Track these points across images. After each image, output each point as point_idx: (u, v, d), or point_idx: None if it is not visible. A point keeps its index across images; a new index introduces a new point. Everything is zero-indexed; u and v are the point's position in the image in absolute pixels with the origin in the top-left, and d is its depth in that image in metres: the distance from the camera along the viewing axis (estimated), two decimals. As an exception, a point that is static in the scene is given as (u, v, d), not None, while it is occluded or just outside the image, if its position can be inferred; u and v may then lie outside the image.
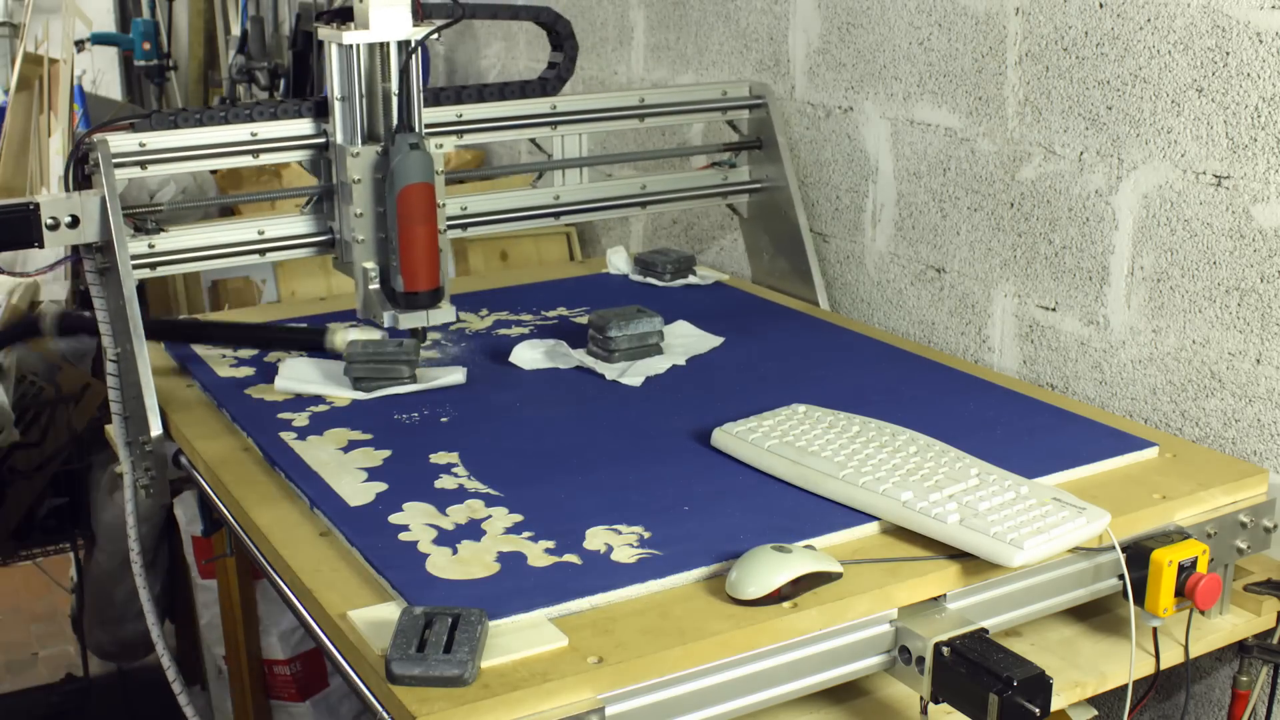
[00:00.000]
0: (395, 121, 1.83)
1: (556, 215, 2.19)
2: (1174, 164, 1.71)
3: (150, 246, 1.87)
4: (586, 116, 2.15)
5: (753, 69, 2.42)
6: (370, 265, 1.85)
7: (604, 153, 2.35)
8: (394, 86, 1.82)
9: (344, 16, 1.82)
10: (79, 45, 5.05)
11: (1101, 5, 1.77)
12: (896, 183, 2.15)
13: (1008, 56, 1.92)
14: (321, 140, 1.93)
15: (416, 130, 1.83)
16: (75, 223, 1.77)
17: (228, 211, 2.71)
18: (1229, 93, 1.62)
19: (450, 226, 2.03)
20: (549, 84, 2.14)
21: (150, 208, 1.90)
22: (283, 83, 4.74)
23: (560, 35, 2.14)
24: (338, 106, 1.86)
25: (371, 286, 1.85)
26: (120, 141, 1.81)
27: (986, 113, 1.97)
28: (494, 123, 2.09)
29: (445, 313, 1.87)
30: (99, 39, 5.51)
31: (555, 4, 3.03)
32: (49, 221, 1.76)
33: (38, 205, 1.75)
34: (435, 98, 2.04)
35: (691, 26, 2.59)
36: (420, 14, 1.82)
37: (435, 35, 1.83)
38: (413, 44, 1.80)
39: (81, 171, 1.83)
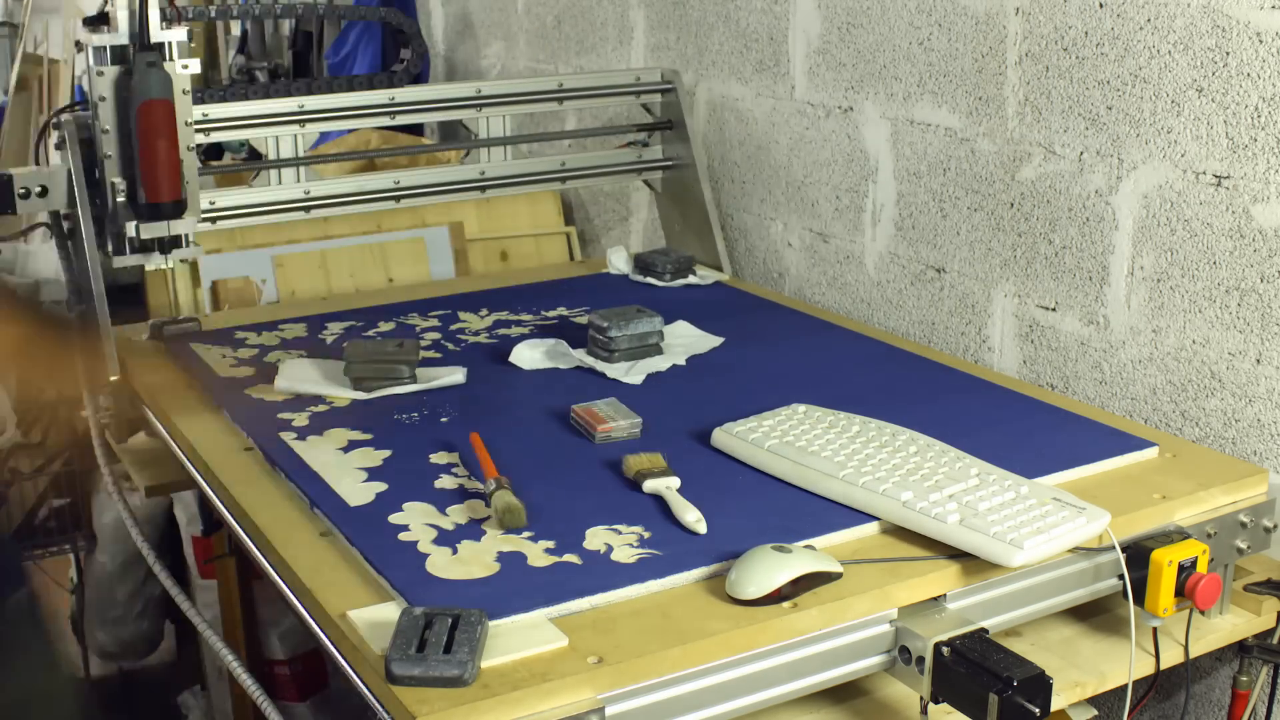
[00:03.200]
0: (138, 42, 1.92)
1: (482, 189, 2.37)
2: (1174, 164, 1.71)
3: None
4: (510, 99, 2.35)
5: (753, 69, 2.42)
6: (118, 180, 1.95)
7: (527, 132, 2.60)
8: (134, 5, 1.91)
9: None
10: (79, 45, 5.04)
11: (1101, 5, 1.77)
12: (896, 183, 2.15)
13: (1008, 56, 1.92)
14: None
15: (153, 48, 1.91)
16: (45, 192, 1.98)
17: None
18: (1229, 93, 1.62)
19: (383, 198, 2.29)
20: (396, 77, 2.31)
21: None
22: (282, 83, 4.74)
23: (407, 35, 2.29)
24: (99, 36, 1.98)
25: (119, 199, 1.95)
26: (85, 119, 1.97)
27: (986, 113, 1.97)
28: (424, 105, 2.33)
29: (186, 224, 1.98)
30: (99, 39, 5.50)
31: (557, 4, 3.03)
32: (21, 191, 1.96)
33: (10, 176, 1.94)
34: (369, 82, 2.21)
35: (691, 26, 2.59)
36: None
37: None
38: None
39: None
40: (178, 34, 1.92)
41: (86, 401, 2.04)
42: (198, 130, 2.06)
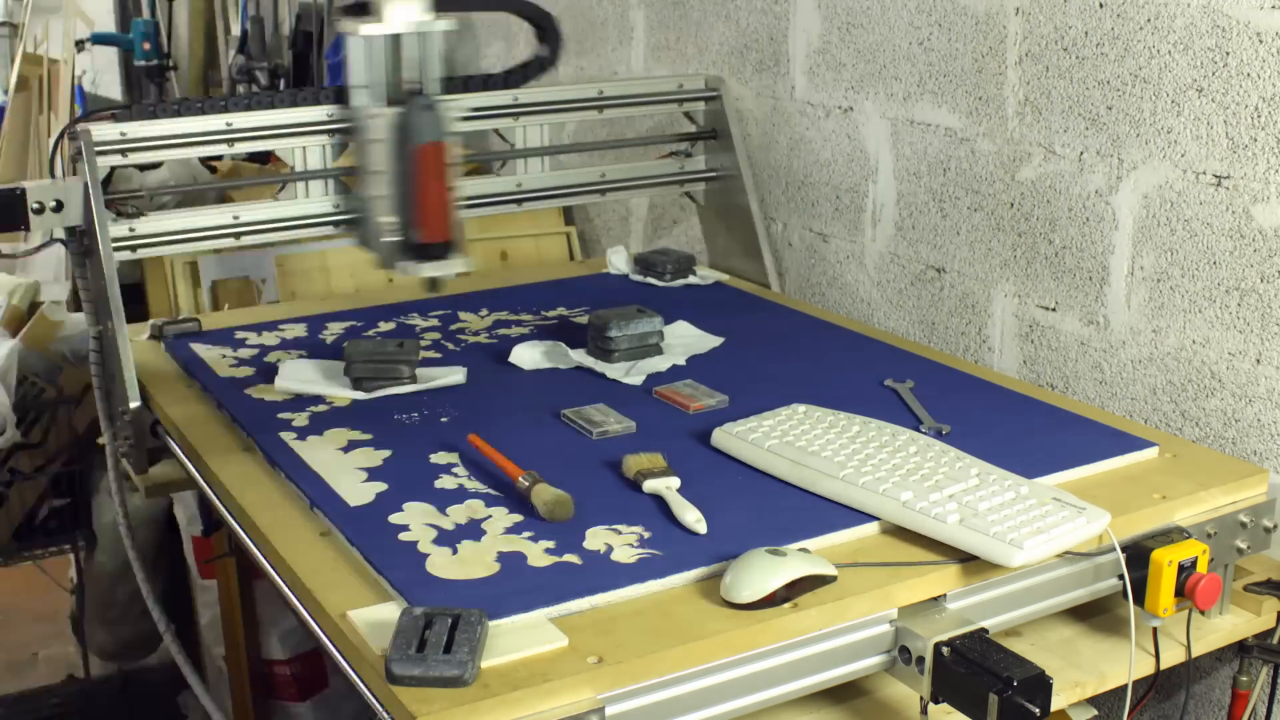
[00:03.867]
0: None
1: (519, 202, 2.29)
2: (1174, 164, 1.71)
3: (130, 230, 1.97)
4: (546, 108, 2.24)
5: (753, 69, 2.42)
6: (389, 219, 1.91)
7: (565, 143, 2.48)
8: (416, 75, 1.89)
9: (361, 10, 1.91)
10: (79, 45, 5.05)
11: (1101, 5, 1.77)
12: (896, 183, 2.15)
13: (1008, 56, 1.92)
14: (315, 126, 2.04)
15: (428, 94, 1.89)
16: (60, 207, 1.87)
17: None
18: (1229, 93, 1.63)
19: None
20: (529, 71, 2.23)
21: (130, 193, 2.00)
22: (282, 83, 4.74)
23: (545, 30, 2.22)
24: (360, 94, 1.93)
25: (390, 239, 1.92)
26: (102, 131, 1.91)
27: (986, 113, 1.97)
28: (460, 114, 2.16)
29: (458, 264, 1.92)
30: (99, 39, 5.51)
31: (554, 5, 3.03)
32: (35, 206, 1.86)
33: (24, 190, 1.85)
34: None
35: (691, 26, 2.59)
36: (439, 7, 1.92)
37: (455, 28, 1.94)
38: (428, 36, 1.87)
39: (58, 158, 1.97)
40: (443, 24, 1.89)
41: (104, 429, 1.97)
42: (219, 140, 2.01)
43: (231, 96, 2.04)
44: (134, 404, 1.82)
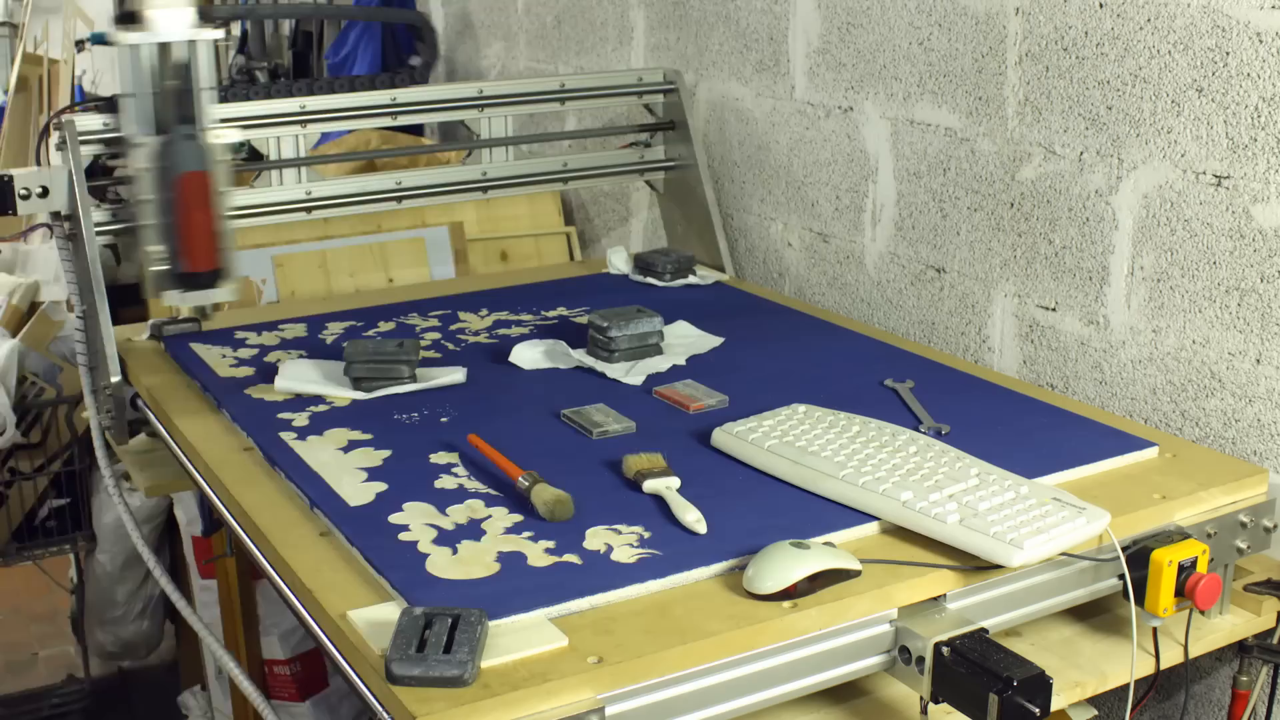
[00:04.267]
0: (178, 115, 1.91)
1: (484, 190, 2.37)
2: (1174, 164, 1.71)
3: (114, 215, 2.06)
4: (512, 100, 2.34)
5: (753, 69, 2.42)
6: (158, 248, 1.94)
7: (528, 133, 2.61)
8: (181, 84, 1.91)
9: (130, 19, 1.93)
10: (79, 45, 5.04)
11: (1101, 5, 1.77)
12: (896, 183, 2.15)
13: (1008, 56, 1.92)
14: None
15: (197, 122, 1.91)
16: (45, 193, 1.98)
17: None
18: (1229, 93, 1.63)
19: (386, 199, 2.29)
20: (417, 73, 2.30)
21: (112, 181, 2.09)
22: (283, 83, 4.74)
23: (420, 33, 2.28)
24: (129, 104, 1.95)
25: (159, 268, 1.93)
26: (86, 121, 2.02)
27: (986, 113, 1.97)
28: (426, 105, 2.32)
29: (224, 292, 1.96)
30: (99, 39, 5.50)
31: (557, 4, 3.03)
32: (22, 191, 1.96)
33: (11, 177, 1.94)
34: (371, 82, 2.22)
35: (691, 26, 2.59)
36: (209, 16, 1.98)
37: (223, 38, 1.95)
38: (196, 44, 1.90)
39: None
40: (210, 34, 1.92)
41: (88, 403, 2.04)
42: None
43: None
44: (114, 378, 1.92)
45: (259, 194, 2.19)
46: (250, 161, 3.38)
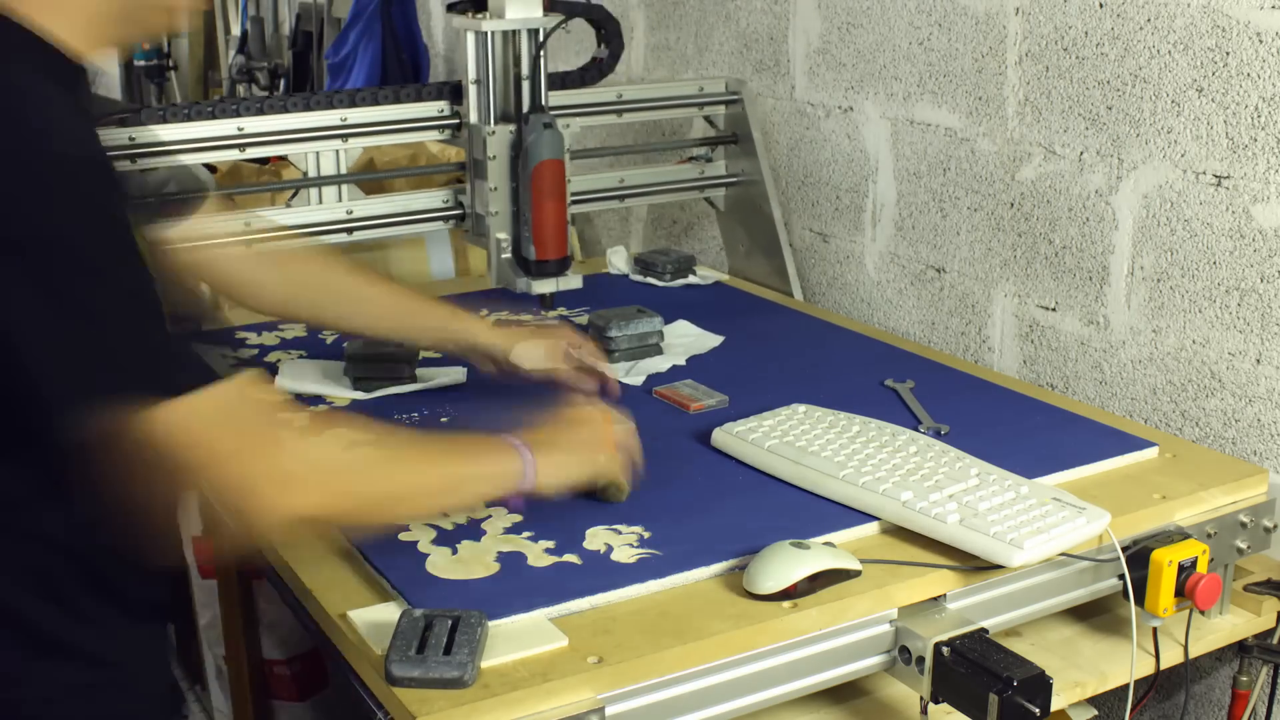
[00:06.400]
0: (529, 103, 1.98)
1: None
2: (1174, 164, 1.71)
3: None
4: (564, 111, 2.18)
5: (753, 69, 2.42)
6: (504, 236, 2.00)
7: (583, 147, 2.41)
8: (525, 71, 1.98)
9: (479, 6, 1.99)
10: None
11: (1101, 5, 1.77)
12: (896, 183, 2.15)
13: (1008, 56, 1.92)
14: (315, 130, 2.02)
15: (546, 110, 1.97)
16: None
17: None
18: (1229, 93, 1.62)
19: (432, 218, 2.15)
20: (588, 75, 2.24)
21: (138, 199, 1.96)
22: (283, 83, 4.74)
23: (608, 32, 2.24)
24: (473, 90, 2.01)
25: (504, 255, 2.00)
26: (109, 136, 1.88)
27: (986, 113, 1.97)
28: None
29: (572, 280, 2.01)
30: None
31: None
32: None
33: None
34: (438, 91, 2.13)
35: (691, 26, 2.59)
36: (548, 5, 2.00)
37: (564, 26, 2.00)
38: (543, 32, 1.97)
39: None
40: (554, 21, 1.97)
41: None
42: (231, 145, 1.98)
43: (243, 100, 2.02)
44: None
45: (296, 214, 2.06)
46: (275, 174, 3.38)
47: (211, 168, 3.13)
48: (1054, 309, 1.91)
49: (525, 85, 1.98)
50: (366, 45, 3.83)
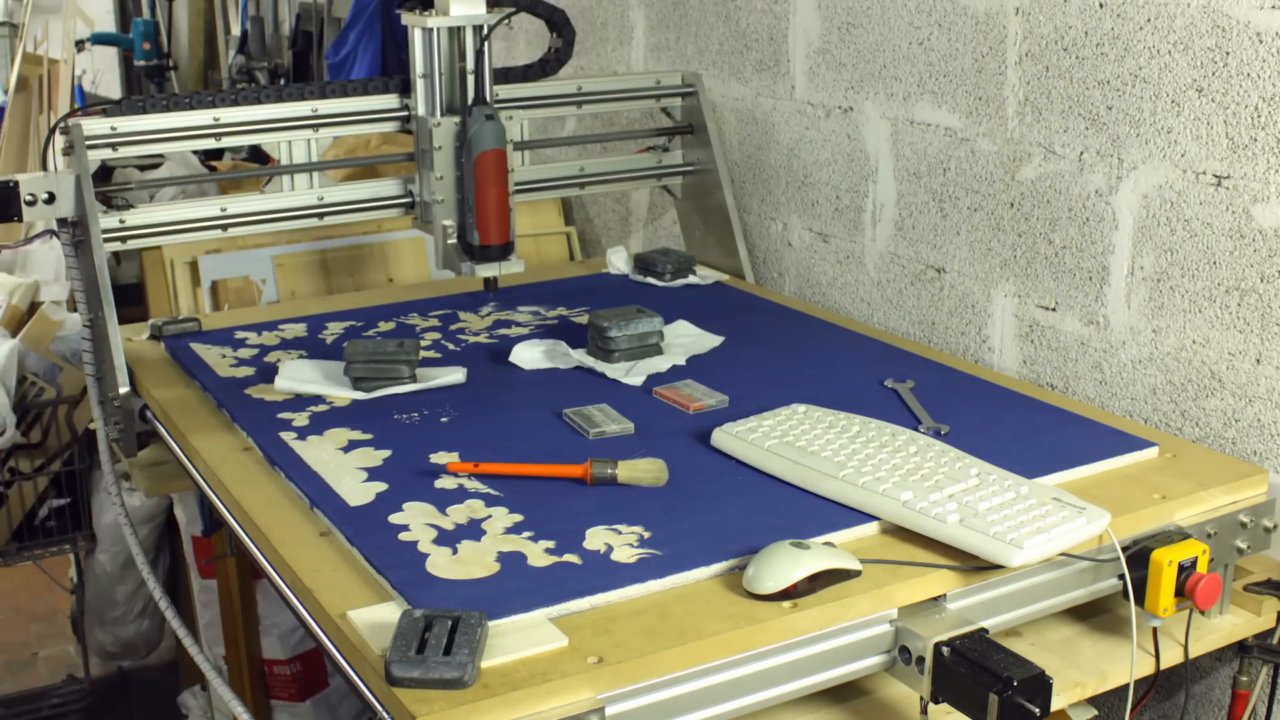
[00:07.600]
0: (472, 95, 2.11)
1: None
2: (1174, 164, 1.71)
3: (121, 221, 2.02)
4: (526, 103, 2.29)
5: (753, 69, 2.42)
6: (449, 222, 2.11)
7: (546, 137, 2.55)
8: (470, 65, 2.10)
9: (425, 4, 2.11)
10: (79, 45, 5.05)
11: (1101, 5, 1.77)
12: (896, 183, 2.15)
13: (1008, 56, 1.92)
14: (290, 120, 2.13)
15: (489, 103, 2.10)
16: (51, 199, 1.92)
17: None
18: (1229, 93, 1.63)
19: (397, 204, 2.23)
20: (548, 66, 2.33)
21: (120, 186, 2.07)
22: (283, 83, 4.74)
23: (557, 22, 2.33)
24: (420, 83, 2.12)
25: (450, 241, 2.11)
26: (93, 125, 1.97)
27: (986, 113, 1.97)
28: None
29: (515, 264, 2.13)
30: (99, 39, 5.51)
31: (557, 3, 3.03)
32: (27, 197, 1.91)
33: (17, 182, 1.90)
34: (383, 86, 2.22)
35: (691, 26, 2.59)
36: (491, 1, 2.12)
37: (506, 21, 2.11)
38: (486, 28, 2.09)
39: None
40: (497, 17, 2.07)
41: (95, 414, 2.00)
42: (207, 135, 2.07)
43: (219, 92, 2.10)
44: (123, 389, 1.88)
45: (269, 200, 2.15)
46: (248, 161, 3.38)
47: (211, 166, 3.14)
48: (1054, 309, 1.91)
49: (470, 79, 2.10)
50: (366, 45, 3.83)
